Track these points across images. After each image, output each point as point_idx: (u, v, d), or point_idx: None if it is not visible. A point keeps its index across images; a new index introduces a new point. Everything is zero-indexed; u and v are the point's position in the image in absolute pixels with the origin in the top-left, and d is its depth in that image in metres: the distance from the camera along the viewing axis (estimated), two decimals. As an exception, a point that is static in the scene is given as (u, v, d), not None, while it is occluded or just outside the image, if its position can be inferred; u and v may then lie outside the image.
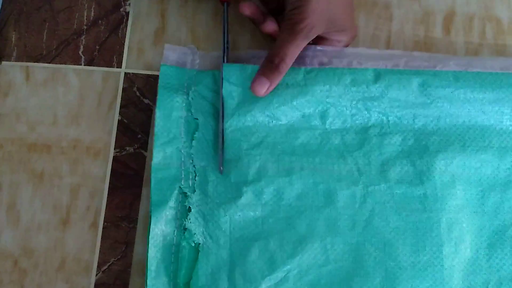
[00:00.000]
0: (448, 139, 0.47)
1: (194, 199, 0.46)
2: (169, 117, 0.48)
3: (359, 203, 0.46)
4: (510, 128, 0.47)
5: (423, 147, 0.47)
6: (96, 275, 0.48)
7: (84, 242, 0.49)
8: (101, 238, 0.49)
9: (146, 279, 0.44)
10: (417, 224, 0.45)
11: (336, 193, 0.46)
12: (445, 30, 0.53)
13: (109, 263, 0.48)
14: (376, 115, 0.48)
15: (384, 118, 0.48)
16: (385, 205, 0.46)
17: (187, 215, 0.46)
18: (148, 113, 0.51)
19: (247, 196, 0.46)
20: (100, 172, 0.50)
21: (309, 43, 0.48)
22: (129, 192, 0.50)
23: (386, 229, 0.45)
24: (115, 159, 0.50)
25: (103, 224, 0.49)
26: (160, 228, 0.45)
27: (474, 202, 0.46)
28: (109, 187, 0.50)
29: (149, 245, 0.45)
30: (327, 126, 0.48)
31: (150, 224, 0.45)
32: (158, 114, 0.48)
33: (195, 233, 0.45)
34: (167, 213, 0.46)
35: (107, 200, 0.50)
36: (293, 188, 0.46)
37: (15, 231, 0.49)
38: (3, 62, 0.52)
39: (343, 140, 0.47)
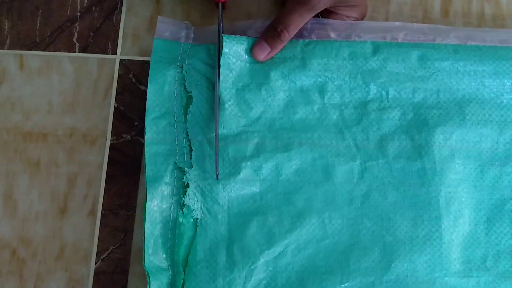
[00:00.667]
0: (448, 113, 0.47)
1: (192, 174, 0.46)
2: (162, 91, 0.47)
3: (357, 179, 0.46)
4: (511, 101, 0.47)
5: (422, 122, 0.47)
6: (96, 263, 0.48)
7: (83, 230, 0.49)
8: (100, 226, 0.49)
9: (144, 255, 0.44)
10: (416, 199, 0.45)
11: (334, 169, 0.46)
12: (443, 12, 0.52)
13: (108, 251, 0.48)
14: (375, 89, 0.47)
15: (383, 92, 0.47)
16: (383, 180, 0.46)
17: (185, 191, 0.46)
18: (144, 99, 0.51)
19: (246, 171, 0.46)
20: (97, 160, 0.50)
21: (316, 16, 0.47)
22: (127, 179, 0.49)
23: (384, 204, 0.45)
24: (112, 146, 0.50)
25: (101, 212, 0.49)
26: (156, 204, 0.45)
27: (473, 176, 0.46)
28: (106, 175, 0.50)
29: (146, 221, 0.45)
30: (325, 101, 0.47)
31: (146, 201, 0.45)
32: (150, 88, 0.47)
33: (193, 209, 0.45)
34: (163, 189, 0.46)
35: (104, 188, 0.49)
36: (292, 163, 0.46)
37: (12, 220, 0.49)
38: (-3, 51, 0.52)
39: (342, 115, 0.47)
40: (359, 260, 0.45)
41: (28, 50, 0.52)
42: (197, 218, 0.45)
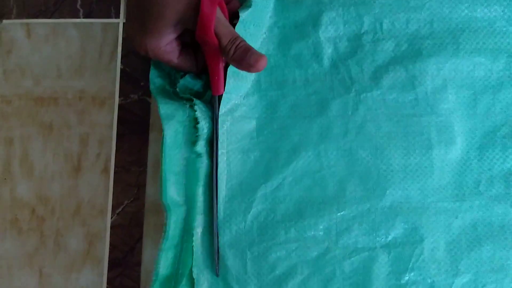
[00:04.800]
0: (442, 42, 0.49)
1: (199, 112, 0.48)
2: None
3: (352, 111, 0.49)
4: (504, 29, 0.49)
5: (416, 52, 0.49)
6: (111, 217, 0.51)
7: (97, 187, 0.51)
8: (113, 182, 0.52)
9: (162, 191, 0.47)
10: (408, 129, 0.49)
11: (328, 103, 0.49)
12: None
13: (123, 206, 0.51)
14: (368, 20, 0.50)
15: (377, 24, 0.50)
16: (377, 111, 0.49)
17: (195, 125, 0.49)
18: (149, 60, 0.53)
19: (242, 109, 0.49)
20: (107, 120, 0.52)
21: None
22: (137, 137, 0.52)
23: (378, 134, 0.49)
24: (120, 107, 0.53)
25: (114, 169, 0.52)
26: (171, 142, 0.48)
27: (466, 104, 0.49)
28: (117, 134, 0.53)
29: (163, 158, 0.47)
30: (320, 35, 0.50)
31: (163, 138, 0.47)
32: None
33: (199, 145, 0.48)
34: (177, 126, 0.48)
35: (116, 147, 0.52)
36: (286, 100, 0.50)
37: (29, 181, 0.51)
38: (4, 21, 0.54)
39: (336, 49, 0.50)
40: (355, 189, 0.48)
41: (34, 18, 0.54)
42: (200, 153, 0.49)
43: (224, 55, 0.45)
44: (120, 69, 0.54)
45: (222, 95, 0.48)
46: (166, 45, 0.46)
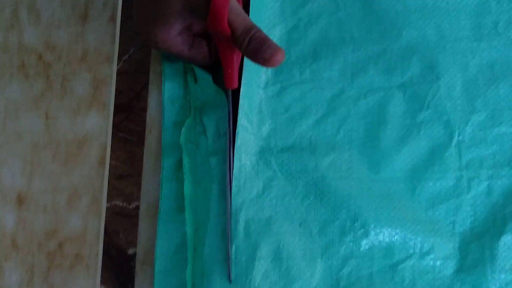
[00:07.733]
0: None
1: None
2: None
3: None
4: None
5: None
6: (118, 64, 0.50)
7: (104, 35, 0.51)
8: (120, 30, 0.51)
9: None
10: None
11: None
12: None
13: (129, 53, 0.51)
14: None
15: None
16: None
17: None
18: None
19: None
20: (115, -31, 0.51)
21: None
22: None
23: None
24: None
25: (121, 18, 0.51)
26: None
27: None
28: (125, -18, 0.51)
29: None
30: None
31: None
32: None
33: None
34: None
35: (123, -5, 0.51)
36: None
37: (36, 28, 0.52)
38: None
39: None
40: (371, 29, 0.47)
41: None
42: None
43: (238, 47, 0.42)
44: None
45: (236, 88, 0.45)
46: (176, 35, 0.45)
